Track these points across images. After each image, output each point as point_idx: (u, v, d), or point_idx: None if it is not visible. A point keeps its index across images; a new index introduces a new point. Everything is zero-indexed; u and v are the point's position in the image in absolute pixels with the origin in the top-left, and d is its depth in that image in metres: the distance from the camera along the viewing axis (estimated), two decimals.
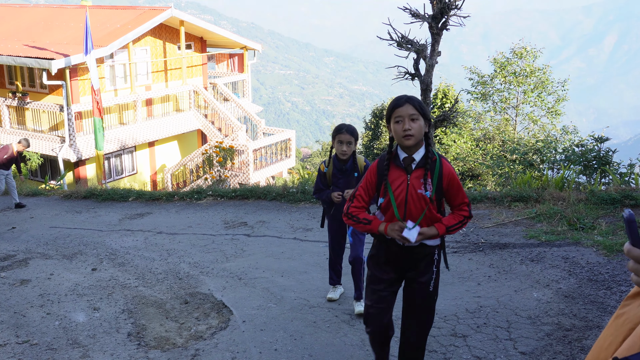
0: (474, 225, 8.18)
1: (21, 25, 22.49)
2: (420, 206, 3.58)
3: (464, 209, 3.69)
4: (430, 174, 3.56)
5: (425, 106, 3.67)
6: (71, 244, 9.58)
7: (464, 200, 3.69)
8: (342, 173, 5.42)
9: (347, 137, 5.26)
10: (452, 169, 3.61)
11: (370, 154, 28.32)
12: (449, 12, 12.74)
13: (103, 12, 21.93)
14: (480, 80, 26.59)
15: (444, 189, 3.63)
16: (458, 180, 3.64)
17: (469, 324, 5.36)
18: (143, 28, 19.79)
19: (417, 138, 3.63)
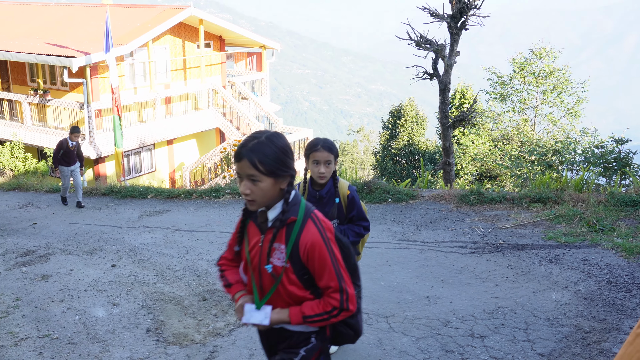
0: (491, 226, 8.16)
1: (43, 23, 22.75)
2: (270, 279, 2.78)
3: (333, 297, 2.69)
4: (284, 240, 2.72)
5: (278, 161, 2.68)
6: (91, 240, 9.69)
7: (332, 284, 2.68)
8: (317, 201, 4.32)
9: (325, 155, 4.17)
10: (317, 238, 2.66)
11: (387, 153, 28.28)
12: (468, 11, 12.72)
13: (123, 11, 22.12)
14: (499, 80, 26.44)
15: (304, 263, 2.72)
16: (325, 254, 2.67)
17: (487, 325, 5.35)
18: (163, 27, 19.93)
19: None
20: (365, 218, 4.46)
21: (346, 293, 2.69)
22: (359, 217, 4.43)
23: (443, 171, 13.45)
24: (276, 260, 2.73)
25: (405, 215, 9.25)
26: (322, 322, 2.74)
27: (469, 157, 23.24)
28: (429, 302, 5.99)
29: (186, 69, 22.39)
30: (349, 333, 2.99)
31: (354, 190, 4.42)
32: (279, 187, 2.68)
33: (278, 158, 2.60)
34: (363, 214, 4.44)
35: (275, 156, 2.61)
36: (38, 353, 5.62)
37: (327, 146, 4.19)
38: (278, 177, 2.64)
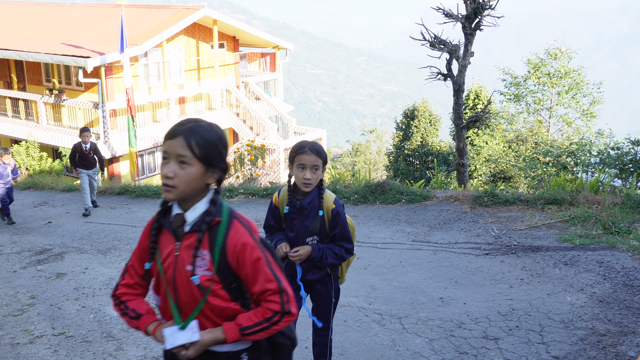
0: (506, 228, 8.12)
1: (58, 24, 22.93)
2: (192, 294, 2.40)
3: (272, 300, 2.37)
4: (209, 246, 2.37)
5: None
6: (105, 239, 9.74)
7: (270, 285, 2.37)
8: (298, 211, 3.84)
9: (313, 159, 3.70)
10: (247, 238, 2.37)
11: (400, 154, 28.21)
12: (483, 12, 12.66)
13: (138, 11, 22.24)
14: (514, 81, 26.31)
15: (233, 269, 2.39)
16: (258, 255, 2.37)
17: (501, 327, 5.32)
18: (177, 27, 20.02)
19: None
20: (349, 238, 3.93)
21: (286, 294, 2.39)
22: (341, 237, 3.89)
23: (457, 172, 13.40)
24: (201, 270, 2.36)
25: (418, 216, 9.23)
26: (262, 333, 2.39)
27: (482, 158, 23.14)
28: (442, 304, 5.97)
29: (200, 69, 22.47)
30: (285, 343, 2.60)
31: (340, 205, 3.90)
32: (206, 181, 2.36)
33: (216, 145, 2.33)
34: (347, 233, 3.91)
35: (213, 142, 2.33)
36: (53, 351, 5.66)
37: (315, 149, 3.73)
38: (209, 168, 2.35)
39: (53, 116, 19.86)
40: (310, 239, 3.90)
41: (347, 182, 12.14)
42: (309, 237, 3.89)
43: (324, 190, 3.87)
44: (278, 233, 3.99)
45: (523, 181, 21.31)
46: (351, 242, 3.94)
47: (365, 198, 10.35)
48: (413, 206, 9.77)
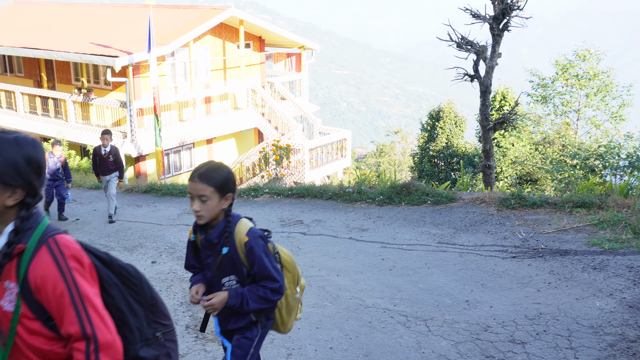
0: (533, 231, 8.02)
1: (88, 24, 23.22)
2: (5, 327, 2.06)
3: (76, 349, 2.00)
4: (16, 277, 2.04)
5: None
6: (132, 236, 9.84)
7: (72, 330, 1.99)
8: (210, 247, 3.24)
9: (199, 188, 3.06)
10: (50, 269, 2.00)
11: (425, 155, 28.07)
12: (511, 12, 12.54)
13: (165, 11, 22.43)
14: (541, 82, 26.01)
15: (41, 304, 2.03)
16: (62, 290, 1.98)
17: (528, 331, 5.26)
18: (203, 27, 20.15)
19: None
20: (272, 277, 3.17)
21: (94, 341, 1.96)
22: (262, 276, 3.17)
23: (483, 174, 13.28)
24: (6, 303, 2.04)
25: (444, 217, 9.17)
26: None
27: (508, 160, 22.91)
28: (468, 306, 5.92)
29: (226, 69, 22.59)
30: None
31: (255, 238, 3.18)
32: (4, 202, 2.03)
33: (15, 163, 2.01)
34: (268, 270, 3.16)
35: (12, 160, 2.01)
36: None
37: (204, 175, 3.07)
38: (5, 187, 2.02)
39: (81, 115, 20.12)
40: (227, 280, 3.25)
41: (372, 182, 12.11)
42: (224, 277, 3.25)
43: (235, 220, 3.23)
44: (196, 276, 3.41)
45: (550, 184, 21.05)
46: (277, 281, 3.17)
47: (391, 199, 10.31)
48: (439, 208, 9.71)
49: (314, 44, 25.76)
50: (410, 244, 8.10)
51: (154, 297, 2.32)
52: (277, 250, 3.36)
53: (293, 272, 3.42)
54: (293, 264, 3.44)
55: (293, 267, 3.43)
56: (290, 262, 3.43)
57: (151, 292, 2.33)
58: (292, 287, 3.43)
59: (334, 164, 21.60)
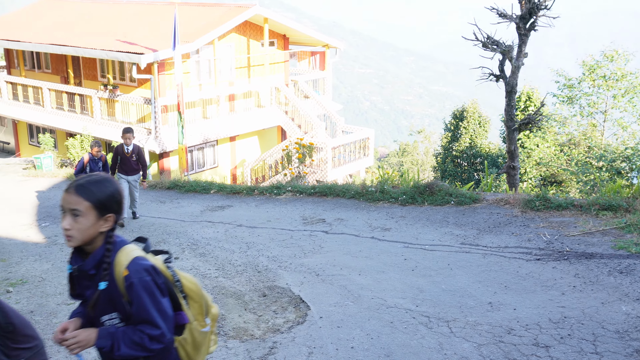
0: (558, 233, 7.92)
1: (114, 21, 23.42)
2: None
3: None
4: None
5: None
6: (155, 232, 9.92)
7: None
8: (88, 278, 2.68)
9: (72, 201, 2.58)
10: None
11: (448, 155, 27.89)
12: (538, 12, 12.39)
13: (191, 9, 22.54)
14: (567, 83, 25.67)
15: None
16: None
17: (552, 335, 5.19)
18: (228, 25, 20.20)
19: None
20: (153, 322, 2.60)
21: None
22: (140, 319, 2.61)
23: (507, 175, 13.15)
24: None
25: (467, 218, 9.09)
26: None
27: (533, 161, 22.67)
28: (491, 308, 5.87)
29: (250, 67, 22.65)
30: None
31: (137, 271, 2.60)
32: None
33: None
34: (149, 314, 2.60)
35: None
36: None
37: (81, 187, 2.58)
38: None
39: (107, 111, 20.30)
40: (107, 319, 2.70)
41: (395, 182, 12.06)
42: (104, 315, 2.69)
43: (117, 247, 2.68)
44: (74, 309, 2.89)
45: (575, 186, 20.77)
46: (158, 327, 2.60)
47: (414, 199, 10.26)
48: (462, 208, 9.64)
49: (338, 42, 25.70)
50: (433, 245, 8.05)
51: (11, 322, 2.07)
52: (178, 278, 2.84)
53: (200, 302, 2.92)
54: (199, 293, 2.92)
55: (199, 295, 2.92)
56: (196, 290, 2.91)
57: (7, 317, 2.09)
58: (200, 318, 2.93)
59: (357, 162, 21.54)
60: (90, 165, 10.88)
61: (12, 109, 23.31)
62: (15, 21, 26.37)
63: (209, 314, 2.99)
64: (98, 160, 10.83)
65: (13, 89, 23.54)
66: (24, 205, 12.74)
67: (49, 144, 19.00)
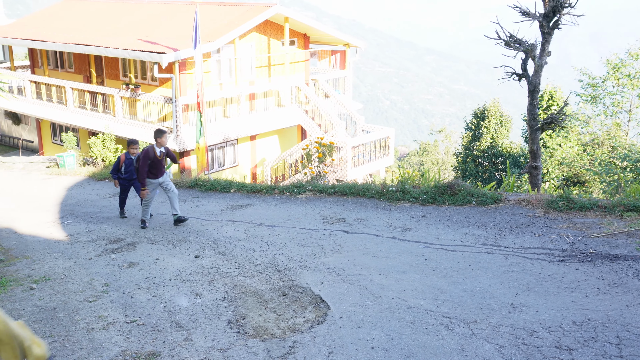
0: (581, 234, 7.81)
1: (136, 21, 23.59)
2: None
3: None
4: None
5: None
6: (176, 231, 9.96)
7: None
8: None
9: None
10: None
11: (469, 154, 27.69)
12: (562, 10, 12.24)
13: (211, 8, 22.62)
14: (591, 82, 25.35)
15: None
16: None
17: (576, 337, 5.12)
18: (249, 24, 20.24)
19: None
20: None
21: None
22: None
23: (529, 175, 13.01)
24: None
25: (489, 219, 9.01)
26: None
27: (555, 161, 22.43)
28: (513, 310, 5.80)
29: (270, 66, 22.68)
30: None
31: None
32: None
33: None
34: None
35: None
36: (125, 338, 5.82)
37: None
38: None
39: (129, 110, 20.46)
40: None
41: (416, 182, 11.99)
42: None
43: None
44: None
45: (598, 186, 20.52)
46: None
47: (435, 199, 10.19)
48: (484, 208, 9.56)
49: (358, 41, 25.64)
50: (454, 245, 7.99)
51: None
52: None
53: (11, 343, 2.57)
54: (9, 333, 2.55)
55: (9, 336, 2.56)
56: (4, 330, 2.53)
57: None
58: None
59: (377, 162, 21.47)
60: (125, 165, 10.97)
61: (35, 108, 23.60)
62: (38, 21, 26.69)
63: (29, 356, 2.52)
64: (135, 160, 10.77)
65: (37, 88, 23.83)
66: (47, 203, 12.89)
67: (71, 143, 19.20)
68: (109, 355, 5.44)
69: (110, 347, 5.61)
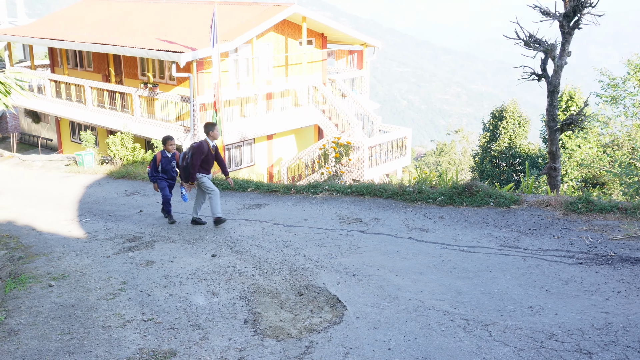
0: (601, 237, 7.72)
1: (154, 20, 23.72)
2: None
3: None
4: None
5: None
6: (193, 229, 9.99)
7: None
8: None
9: None
10: None
11: (487, 155, 27.52)
12: (583, 10, 12.10)
13: (229, 8, 22.68)
14: (611, 82, 25.06)
15: None
16: None
17: (596, 341, 5.05)
18: (266, 24, 20.27)
19: None
20: None
21: None
22: None
23: (548, 176, 12.89)
24: None
25: (507, 220, 8.93)
26: None
27: (574, 162, 22.20)
28: (532, 312, 5.74)
29: (288, 66, 22.69)
30: None
31: None
32: None
33: None
34: None
35: None
36: (142, 336, 5.84)
37: None
38: None
39: (147, 109, 20.58)
40: None
41: (433, 182, 11.93)
42: None
43: None
44: None
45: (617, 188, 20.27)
46: None
47: (452, 199, 10.13)
48: (502, 210, 9.48)
49: (376, 41, 25.58)
50: (472, 246, 7.93)
51: None
52: None
53: None
54: None
55: None
56: None
57: None
58: None
59: (394, 162, 21.41)
60: (162, 164, 10.42)
61: (55, 107, 23.82)
62: (58, 21, 26.94)
63: None
64: (171, 157, 10.41)
65: (56, 87, 24.06)
66: (65, 201, 13.00)
67: (90, 141, 19.35)
68: (127, 353, 5.46)
69: (127, 345, 5.63)
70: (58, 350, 5.59)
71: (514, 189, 13.25)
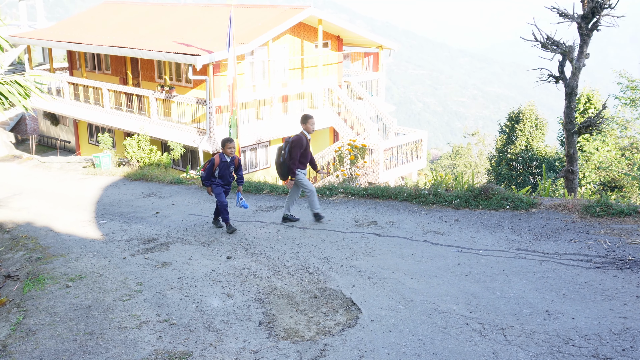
0: (620, 241, 7.64)
1: (171, 23, 23.89)
2: None
3: None
4: None
5: None
6: (208, 231, 10.03)
7: None
8: None
9: None
10: None
11: (503, 158, 27.35)
12: (601, 11, 12.01)
13: (245, 11, 22.78)
14: (630, 85, 24.81)
15: None
16: None
17: (613, 346, 5.00)
18: (282, 26, 20.33)
19: None
20: None
21: None
22: None
23: (565, 179, 12.79)
24: None
25: (524, 223, 8.87)
26: None
27: (592, 165, 22.01)
28: (548, 317, 5.69)
29: (303, 68, 22.73)
30: None
31: None
32: None
33: None
34: None
35: None
36: (158, 337, 5.87)
37: None
38: None
39: (163, 111, 20.71)
40: None
41: (449, 185, 11.88)
42: None
43: None
44: None
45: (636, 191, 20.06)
46: None
47: (468, 202, 10.07)
48: (518, 213, 9.41)
49: (391, 43, 25.54)
50: (488, 250, 7.88)
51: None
52: None
53: None
54: None
55: None
56: None
57: None
58: None
59: (409, 164, 21.35)
60: (220, 169, 9.71)
61: (73, 109, 24.05)
62: (77, 24, 27.21)
63: None
64: (230, 162, 9.76)
65: (75, 89, 24.29)
66: (82, 203, 13.11)
67: (107, 143, 19.50)
68: (142, 354, 5.49)
69: (143, 346, 5.67)
70: (75, 351, 5.64)
71: (530, 192, 13.15)
